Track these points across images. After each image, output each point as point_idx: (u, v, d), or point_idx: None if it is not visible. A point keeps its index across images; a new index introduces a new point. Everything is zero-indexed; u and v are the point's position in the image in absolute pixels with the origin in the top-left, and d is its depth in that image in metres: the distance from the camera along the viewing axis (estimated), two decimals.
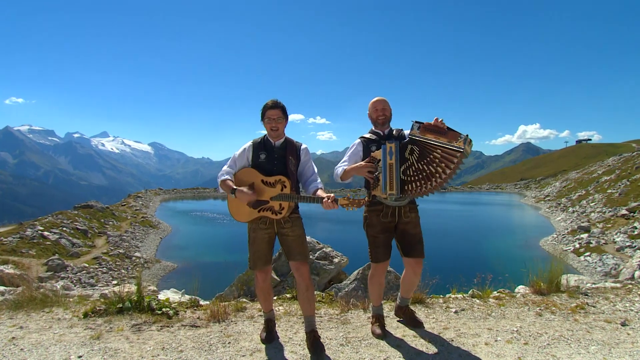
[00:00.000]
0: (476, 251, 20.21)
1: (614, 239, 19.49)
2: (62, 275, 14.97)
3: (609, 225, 21.77)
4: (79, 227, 21.09)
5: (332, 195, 2.90)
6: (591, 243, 19.61)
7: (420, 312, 3.95)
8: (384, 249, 3.36)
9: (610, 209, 24.88)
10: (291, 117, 3.32)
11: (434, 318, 3.80)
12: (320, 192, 3.05)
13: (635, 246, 17.85)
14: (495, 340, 3.21)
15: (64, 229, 20.03)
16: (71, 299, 4.48)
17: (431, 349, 3.09)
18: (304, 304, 3.18)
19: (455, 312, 3.95)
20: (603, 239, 19.94)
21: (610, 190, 29.43)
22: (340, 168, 3.36)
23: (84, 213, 23.85)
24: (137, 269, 17.94)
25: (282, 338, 3.33)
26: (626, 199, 25.30)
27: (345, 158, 3.43)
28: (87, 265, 16.83)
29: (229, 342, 3.23)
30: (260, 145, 3.22)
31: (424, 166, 3.05)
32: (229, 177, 3.14)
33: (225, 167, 3.21)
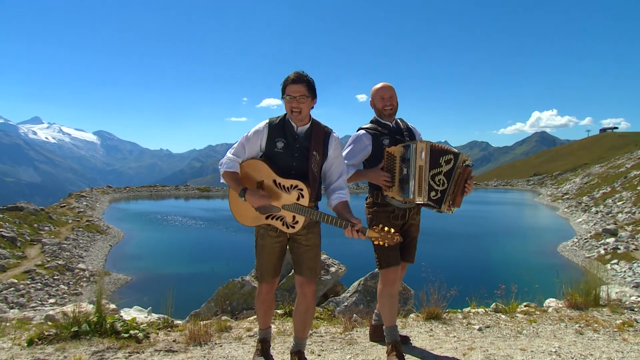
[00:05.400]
0: (484, 258, 20.50)
1: None
2: None
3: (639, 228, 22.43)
4: (5, 234, 20.41)
5: (359, 224, 2.73)
6: (619, 249, 20.15)
7: (438, 330, 3.97)
8: (394, 252, 3.37)
9: None
10: (267, 102, 3.20)
11: (455, 337, 3.83)
12: (343, 208, 2.88)
13: None
14: None
15: None
16: (8, 323, 4.32)
17: None
18: (298, 325, 3.10)
19: (480, 329, 3.99)
20: (633, 244, 20.51)
21: None
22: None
23: (12, 217, 23.08)
24: (82, 282, 17.54)
25: None
26: None
27: (345, 154, 3.33)
28: (15, 280, 16.26)
29: None
30: (278, 129, 2.94)
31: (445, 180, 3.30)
32: (236, 170, 2.94)
33: (230, 154, 2.97)
